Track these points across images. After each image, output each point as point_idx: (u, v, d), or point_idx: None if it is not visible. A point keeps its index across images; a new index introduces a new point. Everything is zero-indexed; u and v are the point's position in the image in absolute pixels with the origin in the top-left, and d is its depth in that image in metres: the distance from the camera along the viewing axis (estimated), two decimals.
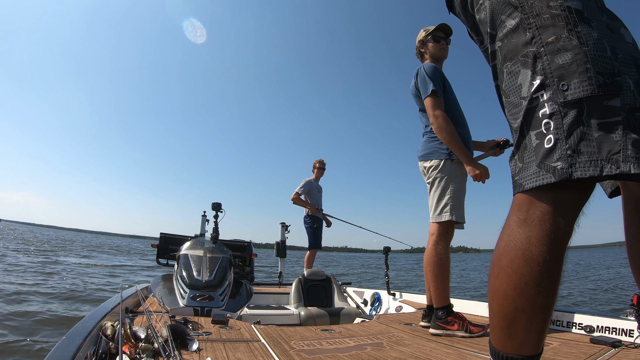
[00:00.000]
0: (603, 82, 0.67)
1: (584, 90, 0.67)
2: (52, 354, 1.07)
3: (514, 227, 0.72)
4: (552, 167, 0.68)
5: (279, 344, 1.67)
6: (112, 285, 7.08)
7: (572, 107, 0.68)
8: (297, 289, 3.50)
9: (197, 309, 2.37)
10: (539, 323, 0.68)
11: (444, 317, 2.04)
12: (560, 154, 0.67)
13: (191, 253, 2.83)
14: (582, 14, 0.72)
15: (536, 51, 0.74)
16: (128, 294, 2.39)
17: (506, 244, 0.73)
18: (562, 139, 0.67)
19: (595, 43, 0.69)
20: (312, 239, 4.98)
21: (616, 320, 1.87)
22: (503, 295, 0.71)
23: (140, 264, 14.10)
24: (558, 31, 0.72)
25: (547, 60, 0.72)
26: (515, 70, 0.78)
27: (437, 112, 2.13)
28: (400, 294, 3.57)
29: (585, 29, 0.71)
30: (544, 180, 0.68)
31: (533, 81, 0.73)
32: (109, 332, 1.39)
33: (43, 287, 6.14)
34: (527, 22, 0.77)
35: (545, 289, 0.67)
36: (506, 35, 0.82)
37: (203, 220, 4.32)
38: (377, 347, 1.69)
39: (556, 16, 0.73)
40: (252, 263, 3.94)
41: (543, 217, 0.69)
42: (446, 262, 2.10)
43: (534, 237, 0.68)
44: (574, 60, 0.69)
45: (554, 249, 0.67)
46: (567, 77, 0.69)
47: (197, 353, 1.40)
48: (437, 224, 2.17)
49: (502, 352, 0.72)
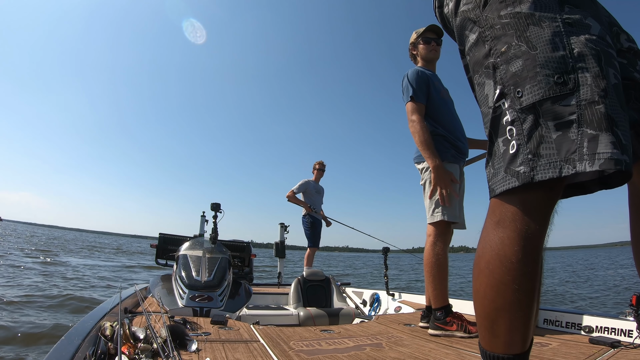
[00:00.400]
0: (554, 83, 0.68)
1: (535, 95, 0.69)
2: (51, 354, 1.06)
3: (489, 230, 0.75)
4: (516, 172, 0.70)
5: (278, 345, 1.67)
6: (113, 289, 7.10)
7: (528, 112, 0.70)
8: (296, 289, 3.50)
9: (196, 309, 2.37)
10: (520, 321, 0.70)
11: (442, 318, 2.04)
12: (522, 159, 0.70)
13: (190, 253, 2.83)
14: (533, 17, 0.74)
15: (494, 62, 0.77)
16: (127, 294, 2.39)
17: (483, 247, 0.76)
18: (523, 144, 0.70)
19: (545, 44, 0.71)
20: (311, 237, 5.02)
21: (615, 321, 1.87)
22: (483, 295, 0.74)
23: (143, 263, 14.07)
24: (509, 40, 0.75)
25: (503, 69, 0.75)
26: (481, 82, 0.82)
27: (414, 116, 2.21)
28: (399, 294, 3.58)
29: (534, 32, 0.72)
30: (510, 185, 0.71)
31: (495, 91, 0.77)
32: (108, 333, 1.39)
33: (46, 288, 6.14)
34: (484, 35, 0.80)
35: (520, 287, 0.69)
36: (470, 49, 0.86)
37: (202, 220, 4.32)
38: (376, 348, 1.69)
39: (506, 25, 0.76)
40: (251, 263, 3.93)
41: (514, 218, 0.71)
42: (444, 263, 2.11)
43: (507, 238, 0.71)
44: (524, 66, 0.72)
45: (526, 248, 0.69)
46: (520, 84, 0.72)
47: (196, 353, 1.40)
48: (432, 225, 2.18)
49: (489, 351, 0.74)
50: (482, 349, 0.77)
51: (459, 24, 0.90)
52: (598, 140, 0.64)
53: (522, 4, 0.75)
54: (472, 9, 0.84)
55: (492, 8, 0.80)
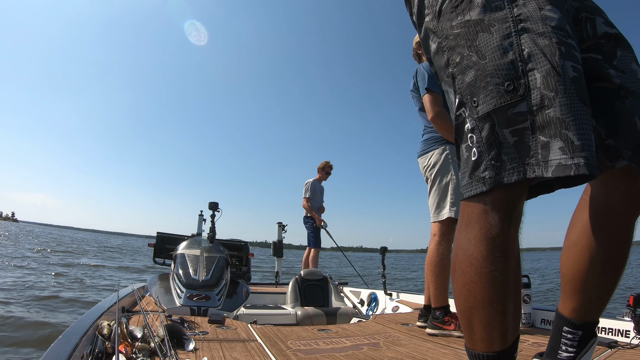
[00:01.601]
0: (504, 91, 0.69)
1: (488, 105, 0.71)
2: (48, 354, 1.06)
3: (460, 232, 0.78)
4: (481, 177, 0.72)
5: (276, 344, 1.66)
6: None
7: (485, 121, 0.72)
8: (293, 288, 3.50)
9: (193, 308, 2.37)
10: (494, 318, 0.72)
11: (441, 317, 2.05)
12: (485, 165, 0.72)
13: (188, 252, 2.82)
14: (482, 23, 0.73)
15: (452, 72, 0.79)
16: (124, 293, 2.38)
17: (455, 248, 0.79)
18: (484, 151, 0.72)
19: (494, 51, 0.71)
20: (315, 239, 5.08)
21: (612, 321, 1.88)
22: (458, 295, 0.77)
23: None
24: (461, 50, 0.76)
25: (459, 80, 0.77)
26: (446, 90, 0.85)
27: (436, 108, 2.17)
28: (397, 294, 3.58)
29: (483, 40, 0.72)
30: (478, 190, 0.73)
31: (456, 100, 0.79)
32: (106, 332, 1.39)
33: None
34: (442, 45, 0.82)
35: (489, 284, 0.71)
36: (433, 58, 0.88)
37: (200, 219, 4.32)
38: (374, 347, 1.69)
39: (457, 35, 0.77)
40: (249, 263, 3.93)
41: (478, 219, 0.73)
42: (447, 263, 2.12)
43: (473, 238, 0.73)
44: (476, 76, 0.73)
45: (491, 247, 0.71)
46: (475, 94, 0.73)
47: (193, 353, 1.40)
48: (438, 223, 2.18)
49: (472, 349, 0.76)
50: (467, 348, 0.79)
51: (422, 35, 0.92)
52: (549, 147, 0.65)
53: (471, 11, 0.75)
54: (430, 20, 0.86)
55: (445, 18, 0.80)
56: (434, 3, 0.84)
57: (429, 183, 2.28)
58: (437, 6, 0.83)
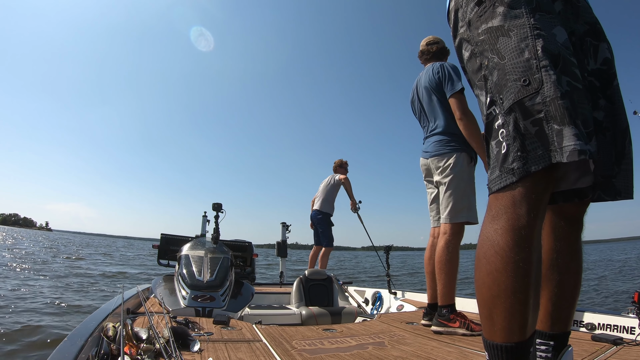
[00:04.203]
0: (521, 86, 0.77)
1: (510, 100, 0.79)
2: (54, 355, 1.07)
3: (486, 224, 0.82)
4: (510, 169, 0.78)
5: (281, 344, 1.67)
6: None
7: (509, 114, 0.79)
8: (298, 288, 3.50)
9: (198, 309, 2.37)
10: (515, 307, 0.74)
11: (447, 315, 2.05)
12: (513, 157, 0.78)
13: (192, 253, 2.83)
14: (502, 28, 0.83)
15: (484, 74, 0.88)
16: (129, 295, 2.39)
17: (481, 239, 0.82)
18: (511, 143, 0.78)
19: (512, 52, 0.80)
20: (330, 237, 4.99)
21: (617, 318, 1.87)
22: (481, 284, 0.79)
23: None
24: (487, 54, 0.86)
25: (490, 81, 0.86)
26: (478, 94, 0.92)
27: (467, 110, 2.16)
28: (401, 293, 3.58)
29: (503, 43, 0.82)
30: (507, 181, 0.78)
31: (487, 100, 0.87)
32: (111, 333, 1.40)
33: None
34: (474, 52, 0.92)
35: (514, 274, 0.74)
36: (466, 65, 0.97)
37: (204, 220, 4.33)
38: (379, 346, 1.69)
39: (483, 41, 0.87)
40: (253, 263, 3.94)
41: (506, 211, 0.78)
42: (456, 261, 2.14)
43: (500, 229, 0.77)
44: (500, 76, 0.82)
45: (518, 237, 0.75)
46: (501, 91, 0.82)
47: (198, 354, 1.40)
48: (450, 224, 2.19)
49: (490, 340, 0.78)
50: (484, 340, 0.80)
51: (457, 45, 1.01)
52: (562, 134, 0.72)
53: (494, 19, 0.85)
54: (464, 31, 0.96)
55: (474, 26, 0.91)
56: (465, 16, 0.95)
57: (443, 185, 2.26)
58: (467, 18, 0.94)
